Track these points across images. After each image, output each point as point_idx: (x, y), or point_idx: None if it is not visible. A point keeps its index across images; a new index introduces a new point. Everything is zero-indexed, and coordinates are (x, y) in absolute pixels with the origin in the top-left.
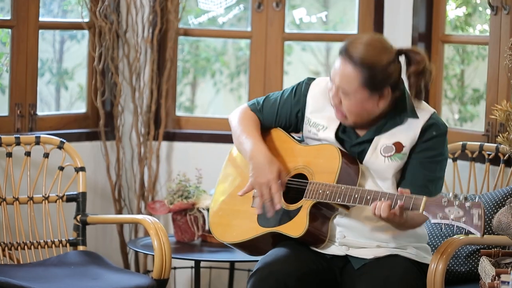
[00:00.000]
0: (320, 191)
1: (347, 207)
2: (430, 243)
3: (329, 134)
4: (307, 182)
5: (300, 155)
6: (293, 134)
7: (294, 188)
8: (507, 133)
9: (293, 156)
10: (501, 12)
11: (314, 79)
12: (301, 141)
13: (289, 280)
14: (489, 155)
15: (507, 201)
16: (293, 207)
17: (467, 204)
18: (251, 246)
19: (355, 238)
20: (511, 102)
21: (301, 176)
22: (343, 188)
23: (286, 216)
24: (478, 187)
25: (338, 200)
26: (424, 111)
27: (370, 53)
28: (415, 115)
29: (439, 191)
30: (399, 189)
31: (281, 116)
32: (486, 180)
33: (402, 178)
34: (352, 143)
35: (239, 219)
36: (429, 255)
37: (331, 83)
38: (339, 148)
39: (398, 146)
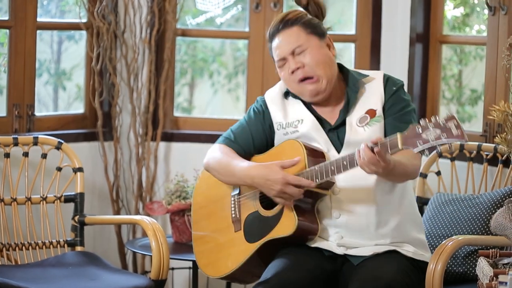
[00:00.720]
0: None
1: (327, 189)
2: (429, 243)
3: (310, 121)
4: None
5: (265, 161)
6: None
7: (269, 198)
8: (505, 133)
9: None
10: (499, 13)
11: (263, 95)
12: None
13: None
14: (487, 155)
15: (505, 202)
16: (275, 211)
17: (440, 120)
18: (247, 271)
19: (352, 238)
20: (509, 103)
21: None
22: (316, 168)
23: (271, 222)
24: (476, 188)
25: (317, 180)
26: (372, 72)
27: (291, 13)
28: (362, 75)
29: None
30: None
31: (256, 136)
32: (484, 180)
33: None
34: (328, 129)
35: (227, 249)
36: (427, 252)
37: (282, 61)
38: (295, 139)
39: (371, 112)
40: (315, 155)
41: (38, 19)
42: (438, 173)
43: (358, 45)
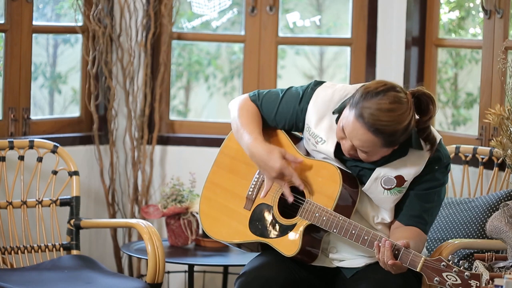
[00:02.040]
0: (317, 214)
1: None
2: (426, 247)
3: (329, 149)
4: (304, 200)
5: (300, 168)
6: (295, 134)
7: (288, 202)
8: (500, 137)
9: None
10: (494, 16)
11: (321, 83)
12: (300, 141)
13: (274, 286)
14: (482, 158)
15: (500, 205)
16: (286, 222)
17: (466, 273)
18: (238, 246)
19: (347, 253)
20: (504, 106)
21: (297, 190)
22: (340, 219)
23: (279, 229)
24: (471, 191)
25: (334, 230)
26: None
27: (390, 121)
28: (420, 147)
29: (435, 218)
30: (399, 241)
31: (280, 116)
32: (479, 183)
33: (398, 207)
34: (353, 164)
35: (229, 218)
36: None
37: (342, 132)
38: (340, 171)
39: (400, 180)
40: (346, 202)
41: (34, 23)
42: None
43: (354, 48)
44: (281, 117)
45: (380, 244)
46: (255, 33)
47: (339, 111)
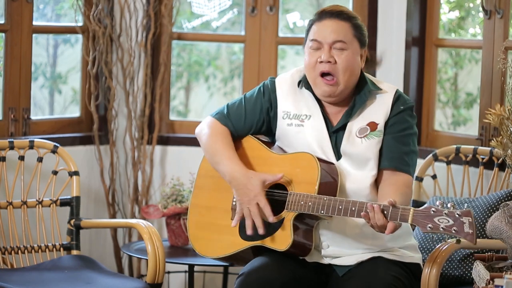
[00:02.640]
0: (302, 202)
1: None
2: (424, 246)
3: (318, 121)
4: (287, 193)
5: (275, 164)
6: (264, 139)
7: (272, 199)
8: (500, 137)
9: (268, 165)
10: (494, 16)
11: (275, 77)
12: (272, 145)
13: (275, 285)
14: (483, 159)
15: (500, 205)
16: (274, 219)
17: (457, 212)
18: (233, 259)
19: (339, 248)
20: (504, 106)
21: (278, 186)
22: (325, 199)
23: (269, 228)
24: (472, 191)
25: (322, 211)
26: (387, 85)
27: (347, 10)
28: (377, 87)
29: (415, 165)
30: (383, 201)
31: (249, 116)
32: (480, 184)
33: (380, 155)
34: (332, 130)
35: (219, 234)
36: (417, 253)
37: (316, 44)
38: (316, 157)
39: (372, 125)
40: (328, 183)
41: (34, 23)
42: (434, 177)
43: None
44: (251, 116)
45: (368, 211)
46: (255, 33)
47: (302, 81)
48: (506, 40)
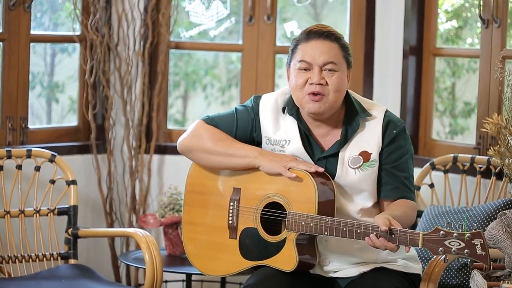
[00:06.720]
0: (303, 223)
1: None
2: (423, 255)
3: (296, 145)
4: (284, 213)
5: (269, 182)
6: None
7: (270, 219)
8: (498, 146)
9: (260, 182)
10: (492, 25)
11: (260, 96)
12: None
13: None
14: (480, 168)
15: (498, 214)
16: (275, 239)
17: (467, 235)
18: (237, 274)
19: (339, 263)
20: (502, 116)
21: (274, 204)
22: (327, 220)
23: (271, 248)
24: (469, 200)
25: (326, 233)
26: (376, 108)
27: (335, 30)
28: (367, 113)
29: (415, 189)
30: (387, 222)
31: (240, 131)
32: (477, 193)
33: (379, 184)
34: (319, 156)
35: (219, 252)
36: (417, 263)
37: (304, 64)
38: (310, 173)
39: (365, 155)
40: (326, 202)
41: (32, 32)
42: (431, 186)
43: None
44: (241, 132)
45: (372, 238)
46: (253, 42)
47: (287, 107)
48: (504, 49)
